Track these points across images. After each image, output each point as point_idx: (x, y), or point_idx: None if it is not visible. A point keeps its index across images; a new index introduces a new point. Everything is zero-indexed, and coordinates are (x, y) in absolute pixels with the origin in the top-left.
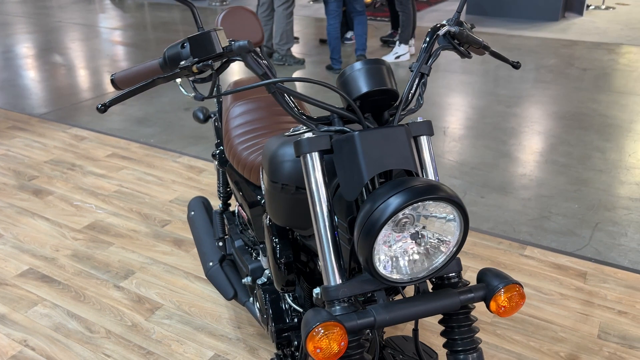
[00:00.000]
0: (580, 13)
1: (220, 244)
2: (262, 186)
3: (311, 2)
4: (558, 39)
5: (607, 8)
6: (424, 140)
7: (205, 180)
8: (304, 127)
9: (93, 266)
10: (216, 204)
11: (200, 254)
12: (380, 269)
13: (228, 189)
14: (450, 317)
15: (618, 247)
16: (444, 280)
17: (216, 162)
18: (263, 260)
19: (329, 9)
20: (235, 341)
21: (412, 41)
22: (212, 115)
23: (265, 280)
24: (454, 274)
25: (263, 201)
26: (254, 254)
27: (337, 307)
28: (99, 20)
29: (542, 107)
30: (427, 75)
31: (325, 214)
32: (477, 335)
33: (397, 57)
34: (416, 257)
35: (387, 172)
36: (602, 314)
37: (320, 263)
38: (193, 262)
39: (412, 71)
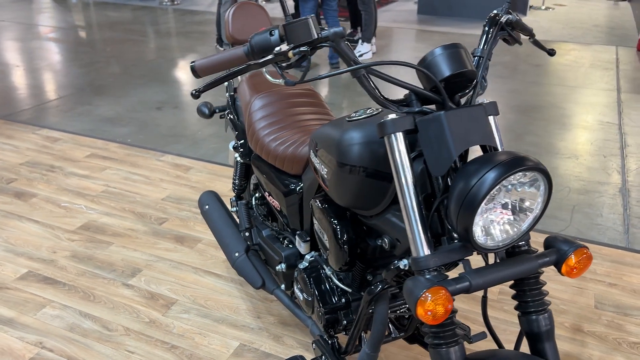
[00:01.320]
0: (524, 13)
1: (247, 234)
2: (322, 171)
3: (264, 2)
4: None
5: (547, 8)
6: (491, 119)
7: (194, 178)
8: (364, 113)
9: (96, 266)
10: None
11: (223, 245)
12: (477, 238)
13: (244, 182)
14: (522, 282)
15: (597, 227)
16: (515, 248)
17: (237, 155)
18: (302, 246)
19: (305, 10)
20: (258, 330)
21: (373, 39)
22: (216, 110)
23: (307, 264)
24: (523, 242)
25: (299, 189)
26: (286, 242)
27: (427, 277)
28: (42, 19)
29: (504, 101)
30: (489, 59)
31: (412, 189)
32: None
33: (360, 56)
34: (506, 224)
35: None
36: (595, 286)
37: (409, 236)
38: (199, 257)
39: (475, 56)
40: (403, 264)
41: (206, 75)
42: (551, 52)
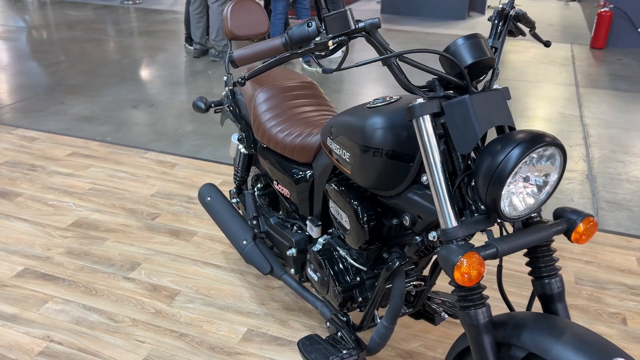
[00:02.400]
0: (483, 12)
1: (255, 222)
2: (344, 156)
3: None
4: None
5: None
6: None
7: (180, 174)
8: (383, 100)
9: (94, 261)
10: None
11: (229, 235)
12: (504, 208)
13: (245, 174)
14: (535, 250)
15: None
16: (529, 220)
17: (241, 147)
18: (314, 230)
19: (277, 9)
20: (263, 316)
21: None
22: (212, 104)
23: (320, 247)
24: (536, 214)
25: (310, 176)
26: (295, 228)
27: (460, 244)
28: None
29: None
30: (501, 49)
31: (440, 167)
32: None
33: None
34: (527, 196)
35: None
36: (573, 264)
37: (438, 210)
38: (196, 249)
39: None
40: (432, 235)
41: (243, 65)
42: (547, 44)
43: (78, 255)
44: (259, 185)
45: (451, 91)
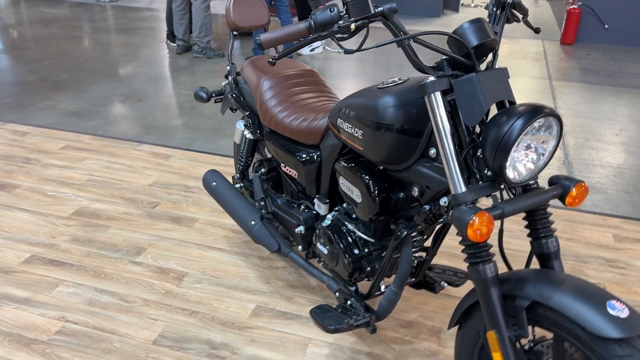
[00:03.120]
0: (457, 10)
1: (262, 203)
2: (356, 134)
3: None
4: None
5: (475, 6)
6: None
7: (176, 165)
8: (393, 82)
9: (100, 247)
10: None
11: (237, 217)
12: (509, 174)
13: (250, 159)
14: (533, 213)
15: None
16: (527, 186)
17: (247, 132)
18: (322, 207)
19: None
20: (269, 294)
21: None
22: (213, 94)
23: (329, 222)
24: (533, 182)
25: (317, 157)
26: (302, 207)
27: (470, 206)
28: None
29: None
30: (501, 33)
31: (450, 138)
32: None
33: (312, 50)
34: (528, 162)
35: None
36: None
37: (448, 177)
38: (199, 235)
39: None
40: (443, 201)
41: (269, 48)
42: (537, 30)
43: (83, 242)
44: (262, 170)
45: (457, 71)
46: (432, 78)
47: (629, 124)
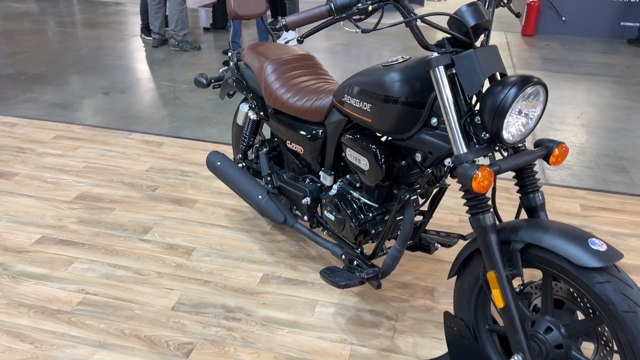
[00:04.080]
0: (422, 4)
1: (269, 178)
2: (365, 107)
3: None
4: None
5: (439, 0)
6: None
7: (168, 151)
8: (396, 60)
9: (107, 227)
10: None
11: (244, 192)
12: (504, 135)
13: (252, 139)
14: (522, 171)
15: None
16: (516, 149)
17: (251, 114)
18: (328, 179)
19: None
20: (275, 263)
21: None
22: (212, 80)
23: (336, 192)
24: (522, 144)
25: (322, 133)
26: (307, 180)
27: (469, 164)
28: None
29: None
30: (492, 14)
31: (452, 106)
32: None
33: (287, 42)
34: (520, 125)
35: None
36: None
37: (451, 140)
38: (201, 214)
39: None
40: (447, 161)
41: (294, 29)
42: (518, 14)
43: (90, 223)
44: (264, 150)
45: (456, 48)
46: (435, 54)
47: (588, 107)
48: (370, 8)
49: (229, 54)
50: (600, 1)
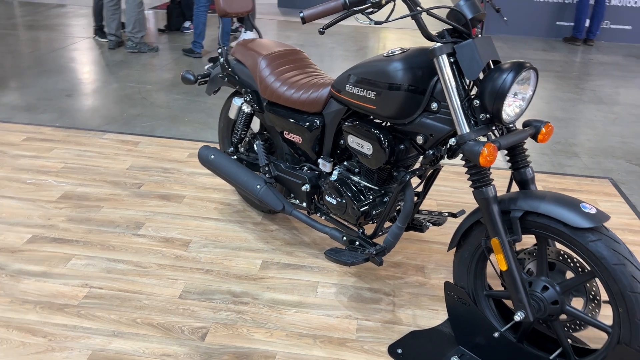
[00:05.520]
0: None
1: (267, 168)
2: (369, 95)
3: None
4: (359, 27)
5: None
6: None
7: (147, 150)
8: (397, 51)
9: (99, 224)
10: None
11: (241, 183)
12: (503, 115)
13: (244, 132)
14: (514, 148)
15: None
16: (509, 129)
17: (245, 107)
18: (327, 166)
19: (200, 2)
20: (271, 251)
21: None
22: (199, 77)
23: (336, 177)
24: (513, 125)
25: (320, 122)
26: (305, 168)
27: (475, 142)
28: None
29: None
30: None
31: (456, 90)
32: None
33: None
34: (515, 107)
35: None
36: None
37: (455, 121)
38: (191, 208)
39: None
40: (452, 141)
41: (310, 22)
42: (498, 10)
43: (80, 221)
44: (257, 142)
45: (455, 38)
46: (439, 44)
47: (536, 100)
48: (383, 1)
49: (219, 50)
50: (538, 3)
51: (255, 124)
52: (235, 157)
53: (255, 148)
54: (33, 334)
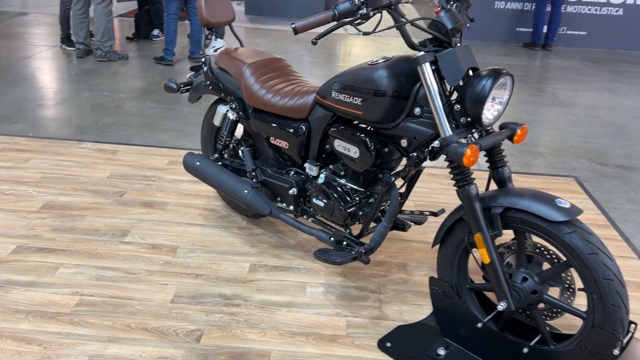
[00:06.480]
0: None
1: (254, 173)
2: (355, 101)
3: None
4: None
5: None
6: None
7: (126, 158)
8: (381, 59)
9: (84, 233)
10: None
11: (229, 188)
12: (482, 118)
13: (229, 139)
14: (492, 149)
15: None
16: (487, 131)
17: (231, 114)
18: (314, 169)
19: (170, 9)
20: (258, 254)
21: (225, 37)
22: (182, 85)
23: (323, 180)
24: (491, 127)
25: (306, 128)
26: (292, 173)
27: (458, 144)
28: None
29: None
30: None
31: (438, 95)
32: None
33: (216, 50)
34: (494, 110)
35: None
36: None
37: (438, 124)
38: (175, 215)
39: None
40: (436, 144)
41: (301, 33)
42: (472, 19)
43: (65, 230)
44: (242, 149)
45: (436, 47)
46: (422, 52)
47: None
48: (371, 13)
49: (202, 59)
50: (498, 10)
51: (239, 131)
52: (220, 163)
53: (241, 154)
54: (27, 342)
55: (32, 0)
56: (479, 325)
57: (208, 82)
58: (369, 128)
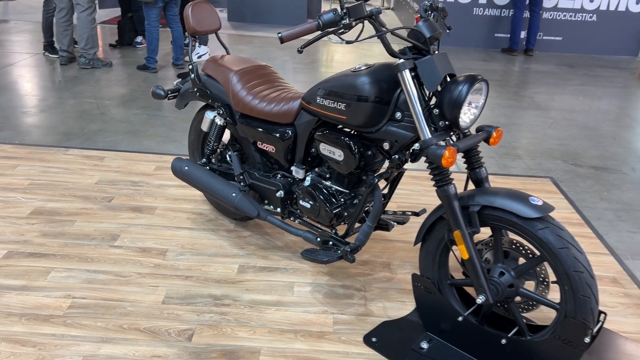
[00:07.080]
0: None
1: (241, 177)
2: (339, 107)
3: None
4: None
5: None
6: None
7: (113, 164)
8: (363, 66)
9: (74, 238)
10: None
11: (217, 191)
12: (460, 122)
13: (217, 144)
14: (469, 151)
15: None
16: (464, 135)
17: (218, 119)
18: (300, 172)
19: (151, 17)
20: (247, 256)
21: (208, 43)
22: (169, 92)
23: (309, 182)
24: (468, 130)
25: (292, 132)
26: (278, 176)
27: (437, 146)
28: None
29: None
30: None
31: (418, 100)
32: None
33: (200, 57)
34: (469, 114)
35: None
36: None
37: (418, 127)
38: (163, 219)
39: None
40: (416, 146)
41: (287, 42)
42: (449, 28)
43: (55, 235)
44: (229, 153)
45: (415, 54)
46: (402, 60)
47: None
48: (353, 24)
49: (189, 66)
50: (477, 16)
51: (225, 136)
52: (208, 167)
53: (229, 158)
54: (22, 344)
55: (13, 7)
56: (460, 319)
57: (195, 89)
58: (352, 132)
